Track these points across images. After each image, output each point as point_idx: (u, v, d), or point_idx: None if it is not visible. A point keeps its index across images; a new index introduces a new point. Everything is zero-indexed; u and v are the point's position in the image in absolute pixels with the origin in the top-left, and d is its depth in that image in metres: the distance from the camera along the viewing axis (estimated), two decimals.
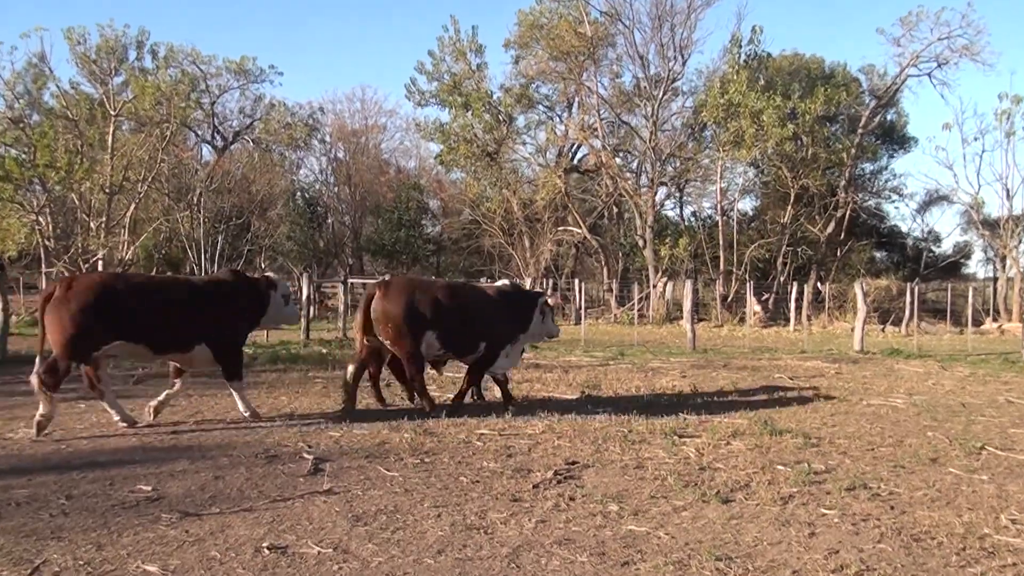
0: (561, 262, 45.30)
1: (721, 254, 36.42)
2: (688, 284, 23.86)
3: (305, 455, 8.01)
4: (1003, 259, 41.24)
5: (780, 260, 37.82)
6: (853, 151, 38.37)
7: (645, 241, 37.06)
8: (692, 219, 45.37)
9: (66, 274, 19.52)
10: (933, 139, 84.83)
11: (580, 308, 30.88)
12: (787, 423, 10.11)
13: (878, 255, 50.40)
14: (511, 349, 11.02)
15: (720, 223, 37.39)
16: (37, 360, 8.88)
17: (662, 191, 43.29)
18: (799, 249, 38.33)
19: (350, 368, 10.41)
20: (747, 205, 46.75)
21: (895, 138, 45.84)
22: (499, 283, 11.77)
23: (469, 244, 44.48)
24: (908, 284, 31.13)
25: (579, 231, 40.30)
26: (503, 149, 40.28)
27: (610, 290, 37.83)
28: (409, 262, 45.45)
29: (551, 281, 37.44)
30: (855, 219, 42.27)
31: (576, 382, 13.51)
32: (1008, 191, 39.08)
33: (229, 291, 9.87)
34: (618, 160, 40.77)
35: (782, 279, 37.12)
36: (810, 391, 13.11)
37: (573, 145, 42.91)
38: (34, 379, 8.72)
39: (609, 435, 9.14)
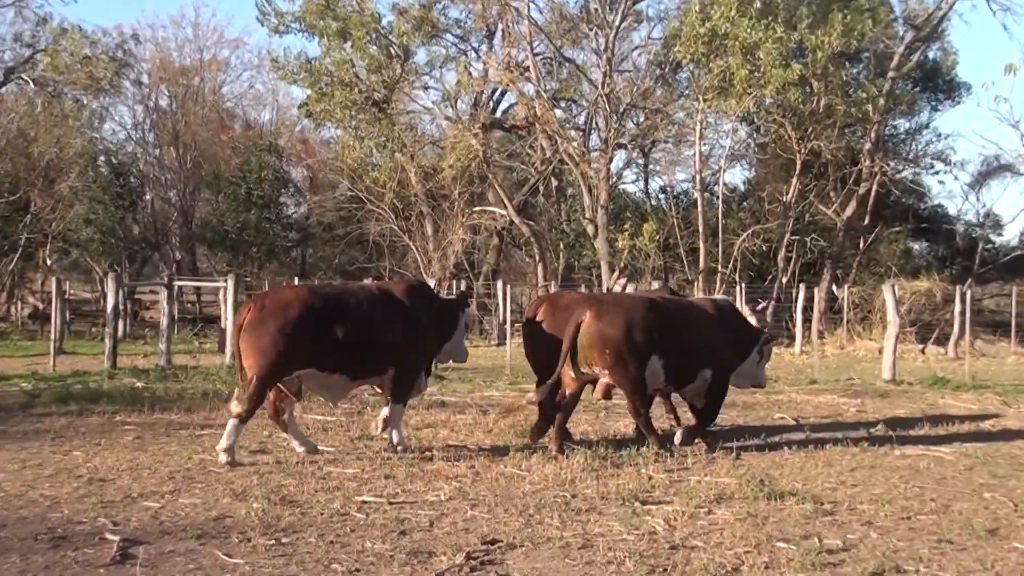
0: (478, 256, 45.32)
1: (701, 245, 36.72)
2: (656, 287, 24.03)
3: (108, 535, 7.85)
4: None
5: (782, 254, 38.32)
6: (882, 102, 38.81)
7: (596, 227, 37.24)
8: (661, 197, 45.77)
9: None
10: (991, 86, 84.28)
11: (505, 322, 30.90)
12: (791, 482, 10.26)
13: (916, 247, 51.23)
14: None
15: (700, 202, 37.64)
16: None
17: (620, 157, 43.63)
18: (808, 239, 38.86)
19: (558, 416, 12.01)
20: (737, 177, 47.40)
21: (940, 85, 46.60)
22: (717, 297, 13.23)
23: (348, 231, 44.14)
24: (958, 287, 31.78)
25: (503, 213, 40.33)
26: (396, 96, 40.11)
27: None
28: (262, 256, 44.98)
29: (463, 284, 37.45)
30: (884, 197, 42.96)
31: (500, 427, 13.51)
32: None
33: (426, 305, 12.14)
34: (558, 113, 40.93)
35: (785, 280, 37.61)
36: (823, 437, 13.30)
37: (495, 91, 42.96)
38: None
39: (544, 502, 9.15)
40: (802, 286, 33.51)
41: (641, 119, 40.48)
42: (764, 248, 38.30)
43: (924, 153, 47.26)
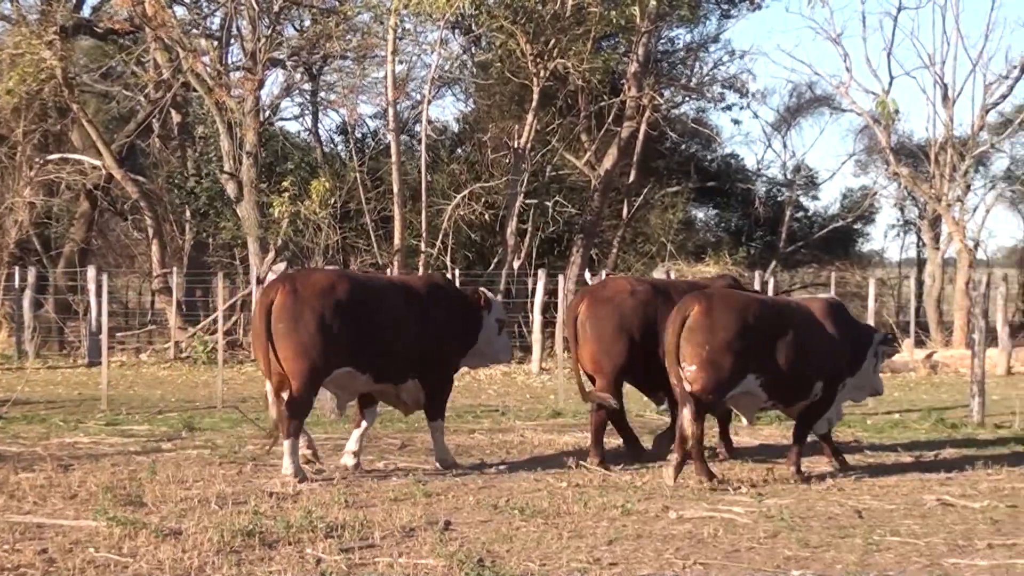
0: (56, 230, 44.17)
1: (396, 212, 36.80)
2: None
3: None
4: (935, 224, 44.36)
5: (512, 225, 38.70)
6: (652, 3, 39.53)
7: (240, 186, 36.89)
8: (338, 141, 45.75)
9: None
10: None
11: (100, 331, 30.32)
12: (523, 562, 10.36)
13: (700, 214, 52.98)
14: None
15: (395, 148, 37.70)
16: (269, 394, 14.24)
17: (276, 80, 43.32)
18: (550, 203, 39.39)
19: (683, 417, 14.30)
20: (448, 112, 47.78)
21: None
22: (825, 296, 16.89)
23: None
24: (757, 273, 32.90)
25: (97, 164, 39.48)
26: None
27: (165, 289, 37.36)
28: None
29: (32, 272, 36.42)
30: (657, 142, 44.05)
31: (89, 489, 13.37)
32: (946, 88, 42.12)
33: (448, 302, 15.29)
34: (180, 12, 40.37)
35: (517, 264, 38.04)
36: (572, 490, 13.62)
37: None
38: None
39: None
40: (542, 272, 33.93)
41: (307, 23, 40.34)
42: (487, 217, 38.66)
43: (712, 79, 47.93)
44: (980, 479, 15.00)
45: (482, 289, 15.73)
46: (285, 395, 13.92)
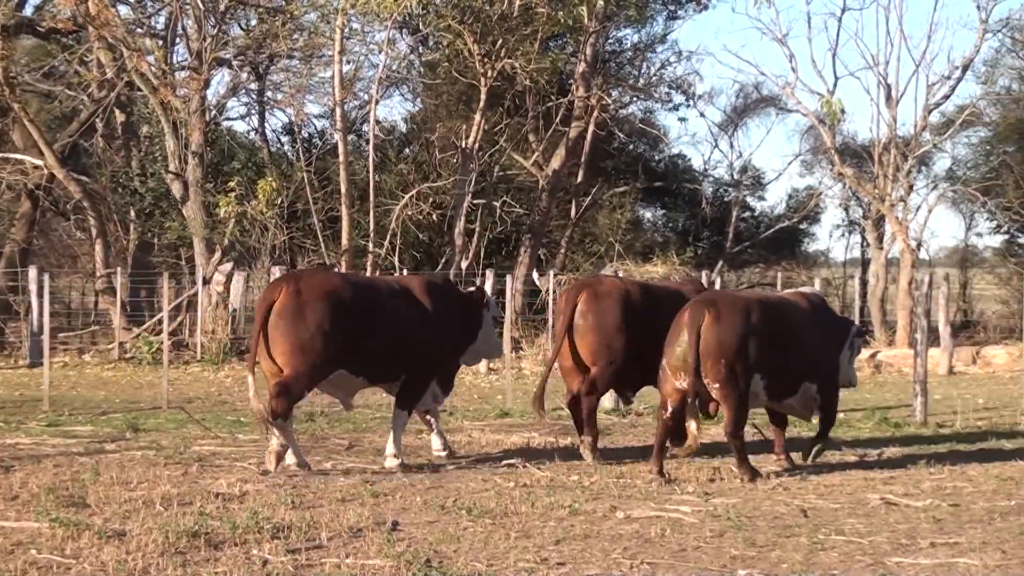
0: None
1: (344, 212, 36.64)
2: (278, 275, 24.02)
3: None
4: (879, 224, 44.59)
5: (460, 225, 38.61)
6: (600, 4, 39.39)
7: (186, 186, 36.66)
8: (284, 141, 45.47)
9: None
10: None
11: (41, 331, 30.11)
12: (470, 562, 10.39)
13: (648, 214, 52.87)
14: None
15: (342, 148, 37.49)
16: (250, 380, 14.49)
17: (222, 79, 43.08)
18: (498, 203, 39.21)
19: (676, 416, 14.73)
20: (396, 112, 47.52)
21: None
22: (805, 288, 17.68)
23: None
24: (704, 272, 32.91)
25: (39, 163, 39.13)
26: None
27: (109, 289, 37.15)
28: None
29: None
30: (605, 142, 43.96)
31: (31, 490, 13.33)
32: (890, 89, 42.28)
33: (448, 303, 16.12)
34: (124, 11, 40.08)
35: (465, 264, 37.96)
36: (520, 490, 13.68)
37: None
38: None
39: None
40: (490, 273, 33.89)
41: (253, 23, 40.09)
42: (435, 217, 38.54)
43: (659, 79, 47.90)
44: (923, 478, 15.13)
45: (480, 288, 16.93)
46: (275, 386, 14.32)
